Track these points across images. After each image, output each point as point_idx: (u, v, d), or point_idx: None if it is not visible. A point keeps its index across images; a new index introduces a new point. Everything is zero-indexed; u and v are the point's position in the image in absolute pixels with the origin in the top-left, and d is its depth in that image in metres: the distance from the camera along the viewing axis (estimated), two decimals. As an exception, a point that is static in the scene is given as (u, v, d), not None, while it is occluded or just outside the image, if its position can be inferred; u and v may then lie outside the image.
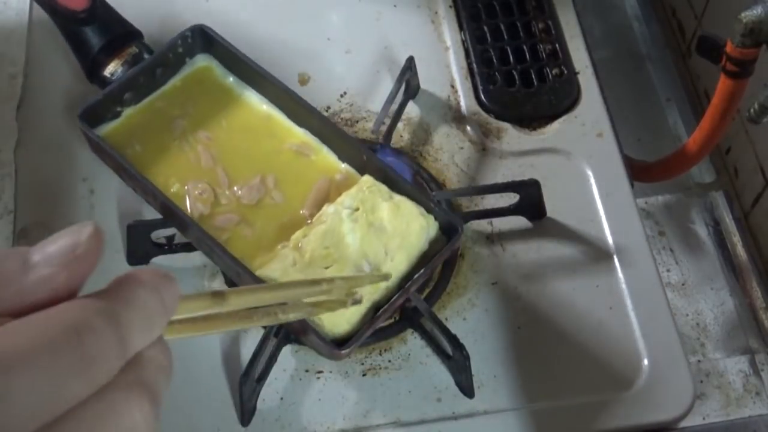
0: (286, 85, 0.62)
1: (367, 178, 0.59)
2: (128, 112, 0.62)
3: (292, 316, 0.37)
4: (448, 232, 0.57)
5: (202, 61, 0.64)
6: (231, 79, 0.64)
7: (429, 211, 0.57)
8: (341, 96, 0.72)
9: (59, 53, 0.72)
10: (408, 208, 0.57)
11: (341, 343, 0.53)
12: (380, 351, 0.60)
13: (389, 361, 0.60)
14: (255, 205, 0.59)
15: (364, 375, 0.60)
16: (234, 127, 0.63)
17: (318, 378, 0.59)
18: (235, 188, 0.60)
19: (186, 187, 0.59)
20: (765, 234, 0.72)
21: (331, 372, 0.60)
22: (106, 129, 0.61)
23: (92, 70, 0.65)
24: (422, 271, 0.55)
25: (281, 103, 0.63)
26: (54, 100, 0.71)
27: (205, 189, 0.59)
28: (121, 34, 0.66)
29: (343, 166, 0.61)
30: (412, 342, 0.61)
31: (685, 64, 0.84)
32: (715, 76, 0.64)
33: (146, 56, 0.65)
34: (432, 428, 0.58)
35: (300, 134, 0.62)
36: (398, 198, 0.58)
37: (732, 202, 0.76)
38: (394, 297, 0.54)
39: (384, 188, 0.58)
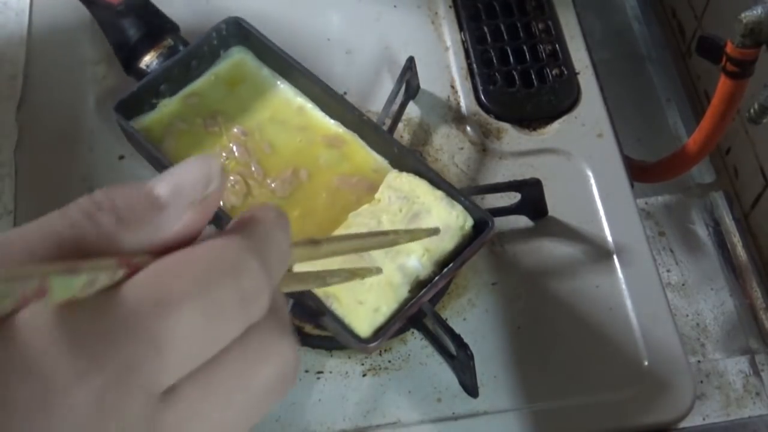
0: (317, 76, 0.62)
1: (395, 175, 0.59)
2: (164, 103, 0.62)
3: (336, 281, 0.37)
4: (476, 226, 0.57)
5: (237, 54, 0.65)
6: (265, 71, 0.64)
7: (464, 207, 0.57)
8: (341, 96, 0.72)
9: (59, 53, 0.72)
10: (439, 212, 0.57)
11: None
12: (380, 351, 0.60)
13: (389, 361, 0.60)
14: (288, 197, 0.60)
15: (364, 375, 0.59)
16: (267, 120, 0.63)
17: (318, 378, 0.59)
18: (269, 181, 0.60)
19: None
20: (765, 234, 0.72)
21: (331, 372, 0.60)
22: (143, 121, 0.62)
23: (129, 61, 0.66)
24: (451, 265, 0.55)
25: (313, 95, 0.63)
26: (54, 100, 0.71)
27: (237, 180, 0.60)
28: (158, 27, 0.66)
29: (377, 157, 0.61)
30: (412, 342, 0.61)
31: (685, 65, 0.84)
32: (715, 77, 0.64)
33: (182, 48, 0.65)
34: (432, 428, 0.58)
35: (331, 126, 0.62)
36: (430, 199, 0.57)
37: (732, 203, 0.76)
38: (423, 291, 0.54)
39: (413, 184, 0.58)
